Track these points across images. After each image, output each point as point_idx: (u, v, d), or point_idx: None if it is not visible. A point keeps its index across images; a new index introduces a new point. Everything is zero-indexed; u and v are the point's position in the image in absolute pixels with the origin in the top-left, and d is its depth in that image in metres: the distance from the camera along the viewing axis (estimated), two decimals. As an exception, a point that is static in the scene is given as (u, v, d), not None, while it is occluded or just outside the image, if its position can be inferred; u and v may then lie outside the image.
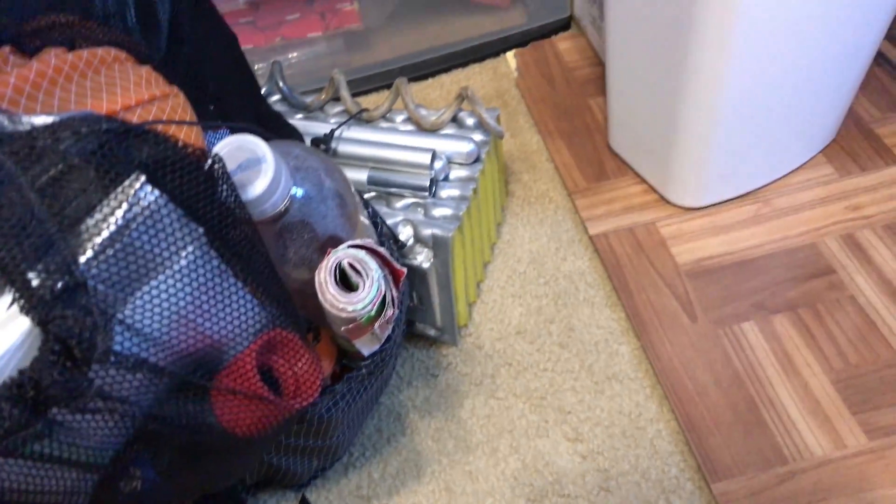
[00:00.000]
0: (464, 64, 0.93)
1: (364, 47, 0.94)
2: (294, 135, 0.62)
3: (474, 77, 0.92)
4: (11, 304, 0.29)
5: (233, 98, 0.50)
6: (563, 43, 0.93)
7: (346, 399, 0.49)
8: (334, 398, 0.48)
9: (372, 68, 0.92)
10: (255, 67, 0.87)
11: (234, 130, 0.40)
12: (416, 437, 0.62)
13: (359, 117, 0.68)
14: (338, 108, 0.71)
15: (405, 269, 0.42)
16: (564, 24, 0.95)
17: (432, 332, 0.67)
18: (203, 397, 0.35)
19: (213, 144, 0.41)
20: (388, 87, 0.92)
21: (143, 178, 0.31)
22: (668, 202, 0.74)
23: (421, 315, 0.65)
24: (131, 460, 0.35)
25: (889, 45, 0.86)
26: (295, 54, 0.91)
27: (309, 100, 0.71)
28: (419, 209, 0.62)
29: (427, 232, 0.59)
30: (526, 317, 0.68)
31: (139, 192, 0.31)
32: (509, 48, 0.94)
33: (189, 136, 0.39)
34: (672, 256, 0.69)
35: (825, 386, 0.59)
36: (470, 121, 0.68)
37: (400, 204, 0.63)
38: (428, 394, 0.64)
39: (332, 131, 0.64)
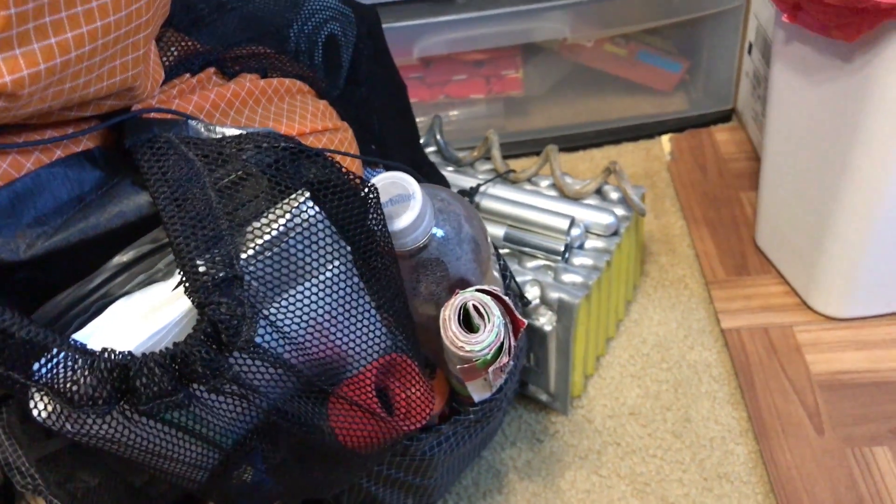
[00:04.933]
0: (617, 141, 0.94)
1: (522, 113, 0.97)
2: (442, 183, 0.64)
3: (626, 155, 0.92)
4: (177, 286, 0.33)
5: (393, 141, 0.54)
6: (722, 134, 0.92)
7: (451, 441, 0.49)
8: (439, 438, 0.49)
9: (526, 134, 0.95)
10: (418, 119, 0.92)
11: (389, 169, 0.43)
12: (512, 498, 0.62)
13: (505, 177, 0.71)
14: (486, 166, 0.73)
15: (526, 322, 0.43)
16: (725, 116, 0.94)
17: (544, 398, 0.66)
18: (322, 402, 0.37)
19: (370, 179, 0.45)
20: (539, 153, 0.94)
21: (307, 193, 0.35)
22: (809, 308, 0.71)
23: (535, 378, 0.65)
24: (249, 451, 0.37)
25: None
26: (455, 112, 0.96)
27: (462, 155, 0.74)
28: (549, 272, 0.63)
29: (554, 295, 0.60)
30: (642, 399, 0.67)
31: (302, 205, 0.35)
32: (665, 132, 0.94)
33: (351, 167, 0.42)
34: (806, 364, 0.66)
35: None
36: (614, 195, 0.69)
37: (531, 264, 0.64)
38: (530, 457, 0.64)
39: (478, 186, 0.67)
